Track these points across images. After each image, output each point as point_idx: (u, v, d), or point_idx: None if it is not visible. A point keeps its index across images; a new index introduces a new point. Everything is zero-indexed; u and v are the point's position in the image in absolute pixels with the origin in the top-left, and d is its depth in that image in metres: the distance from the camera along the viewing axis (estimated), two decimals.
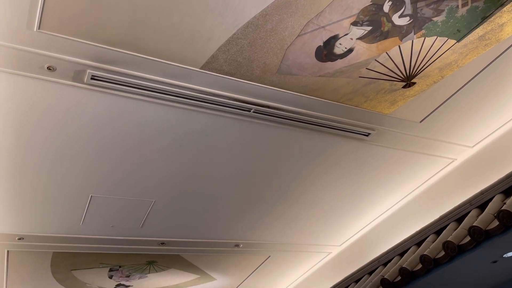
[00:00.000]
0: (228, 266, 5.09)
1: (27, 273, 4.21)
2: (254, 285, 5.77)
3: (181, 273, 5.00)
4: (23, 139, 2.75)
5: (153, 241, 4.18)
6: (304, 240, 4.83)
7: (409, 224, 4.14)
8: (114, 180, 3.28)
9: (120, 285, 4.95)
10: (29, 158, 2.90)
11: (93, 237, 3.87)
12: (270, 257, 5.04)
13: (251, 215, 4.18)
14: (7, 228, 3.50)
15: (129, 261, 4.46)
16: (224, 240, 4.49)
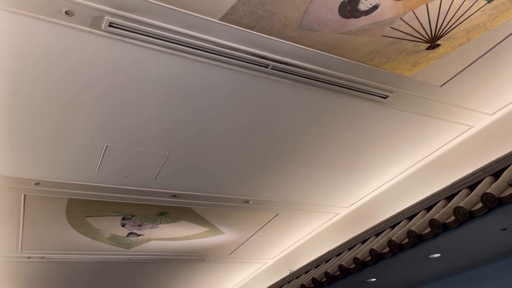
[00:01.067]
0: (237, 221, 5.20)
1: (42, 217, 4.35)
2: (261, 241, 5.92)
3: (191, 225, 5.13)
4: (39, 85, 2.76)
5: (165, 193, 4.26)
6: (313, 200, 4.89)
7: (420, 190, 4.15)
8: (129, 131, 3.30)
9: (132, 233, 5.11)
10: (47, 104, 2.92)
11: (107, 186, 3.96)
12: (278, 215, 5.14)
13: (262, 172, 4.22)
14: (24, 172, 3.59)
15: (141, 211, 4.58)
16: (235, 196, 4.56)
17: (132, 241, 5.33)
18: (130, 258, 5.80)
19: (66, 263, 5.58)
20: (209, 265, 6.63)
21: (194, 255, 6.12)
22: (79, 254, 5.40)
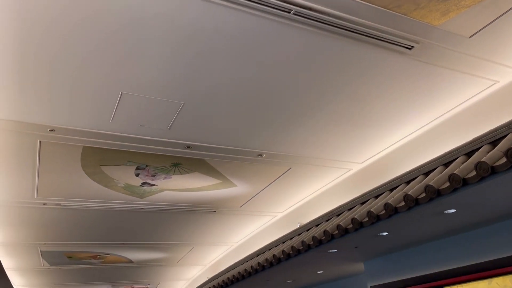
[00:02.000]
0: (249, 174, 5.22)
1: (58, 164, 4.39)
2: (272, 195, 5.97)
3: (204, 177, 5.16)
4: (55, 29, 2.67)
5: (180, 144, 4.25)
6: (326, 155, 4.86)
7: (438, 146, 4.09)
8: (144, 78, 3.23)
9: (146, 183, 5.16)
10: (63, 50, 2.84)
11: (122, 135, 3.94)
12: (291, 169, 5.14)
13: (276, 126, 4.17)
14: (39, 118, 3.57)
15: (155, 161, 4.59)
16: (249, 149, 4.54)
17: (145, 191, 5.40)
18: (143, 207, 5.90)
19: (81, 210, 5.69)
20: (220, 217, 6.75)
21: (206, 206, 6.21)
22: (94, 202, 5.50)
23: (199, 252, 8.97)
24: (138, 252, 8.33)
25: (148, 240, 7.58)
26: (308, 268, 5.71)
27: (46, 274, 9.10)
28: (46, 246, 7.11)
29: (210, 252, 9.15)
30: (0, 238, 6.36)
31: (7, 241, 6.57)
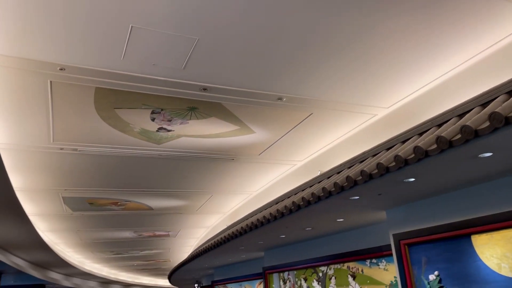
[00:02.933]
0: (268, 120, 5.01)
1: (71, 107, 4.26)
2: (292, 142, 5.78)
3: (222, 122, 4.98)
4: None
5: (195, 86, 4.04)
6: (350, 99, 4.59)
7: (473, 87, 3.77)
8: (156, 10, 2.97)
9: (162, 128, 5.02)
10: None
11: (134, 74, 3.74)
12: (312, 114, 4.90)
13: (297, 67, 3.90)
14: (47, 56, 3.39)
15: (170, 105, 4.42)
16: (268, 91, 4.30)
17: (162, 137, 5.27)
18: (160, 154, 5.81)
19: (98, 156, 5.65)
20: (238, 165, 6.64)
21: (224, 154, 6.09)
22: (111, 148, 5.43)
23: (218, 201, 9.00)
24: (158, 199, 8.40)
25: (167, 187, 7.59)
26: (328, 216, 5.62)
27: (69, 219, 9.34)
28: (67, 192, 7.20)
29: (229, 201, 9.18)
30: (21, 184, 6.43)
31: (29, 186, 6.66)
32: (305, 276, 8.92)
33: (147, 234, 12.37)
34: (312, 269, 8.68)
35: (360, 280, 7.15)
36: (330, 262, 7.91)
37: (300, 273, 9.15)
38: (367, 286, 6.97)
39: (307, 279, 8.87)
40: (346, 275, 7.54)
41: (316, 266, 8.49)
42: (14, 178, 6.05)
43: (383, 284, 6.64)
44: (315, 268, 8.55)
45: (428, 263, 4.52)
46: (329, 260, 7.90)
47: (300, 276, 9.13)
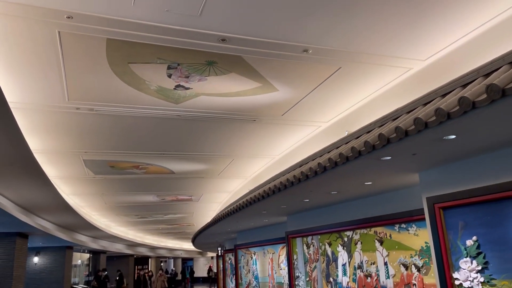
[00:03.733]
0: (293, 76, 4.66)
1: (83, 61, 4.02)
2: (318, 101, 5.43)
3: (242, 79, 4.66)
4: None
5: (213, 36, 3.70)
6: (383, 51, 4.18)
7: None
8: None
9: (180, 86, 4.75)
10: None
11: (147, 23, 3.43)
12: (340, 68, 4.51)
13: (325, 15, 3.51)
14: (53, 2, 3.11)
15: (187, 58, 4.11)
16: (292, 42, 3.93)
17: (180, 95, 5.01)
18: (179, 114, 5.57)
19: (115, 116, 5.45)
20: (260, 126, 6.36)
21: (245, 114, 5.80)
22: (128, 108, 5.22)
23: (240, 165, 8.81)
24: (179, 163, 8.27)
25: (188, 150, 7.42)
26: (355, 179, 5.32)
27: (92, 183, 9.37)
28: (87, 155, 7.11)
29: (251, 165, 8.97)
30: (41, 146, 6.35)
31: (48, 149, 6.58)
32: (330, 241, 8.75)
33: (170, 198, 12.40)
34: (337, 234, 8.49)
35: (388, 246, 6.90)
36: (356, 227, 7.68)
37: (324, 238, 8.99)
38: (395, 251, 6.72)
39: (331, 244, 8.70)
40: (372, 240, 7.30)
41: (341, 231, 8.29)
42: (32, 140, 5.95)
43: (412, 249, 6.38)
44: (340, 233, 8.35)
45: (466, 227, 4.20)
46: (355, 224, 7.66)
47: (324, 240, 8.96)
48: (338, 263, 8.47)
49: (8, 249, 11.02)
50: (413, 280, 6.35)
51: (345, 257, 8.24)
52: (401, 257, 6.61)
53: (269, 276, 13.46)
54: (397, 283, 6.70)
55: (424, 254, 6.09)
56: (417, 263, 6.26)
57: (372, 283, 7.32)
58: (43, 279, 16.16)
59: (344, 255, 8.24)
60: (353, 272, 7.92)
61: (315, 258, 9.40)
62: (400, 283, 6.65)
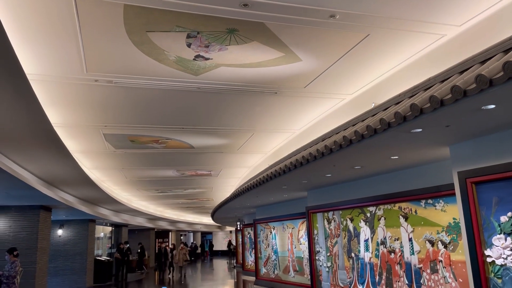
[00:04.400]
0: (317, 44, 4.43)
1: (100, 30, 3.88)
2: (344, 71, 5.19)
3: (264, 48, 4.46)
4: None
5: (234, 0, 3.49)
6: (414, 15, 3.90)
7: None
8: None
9: (199, 56, 4.58)
10: None
11: None
12: (369, 35, 4.26)
13: None
14: None
15: (207, 27, 3.92)
16: (318, 7, 3.69)
17: (200, 66, 4.84)
18: (199, 87, 5.42)
19: (134, 89, 5.34)
20: (281, 99, 6.17)
21: (266, 86, 5.61)
22: (146, 80, 5.09)
23: (260, 139, 8.67)
24: (198, 137, 8.18)
25: (207, 125, 7.30)
26: (382, 153, 5.12)
27: (113, 157, 9.40)
28: (107, 128, 7.07)
29: (271, 140, 8.82)
30: (61, 120, 6.32)
31: (68, 122, 6.55)
32: (352, 217, 8.62)
33: (190, 173, 12.41)
34: (359, 209, 8.35)
35: (413, 222, 6.74)
36: (380, 202, 7.52)
37: (346, 213, 8.87)
38: (421, 227, 6.56)
39: (353, 219, 8.58)
40: (397, 216, 7.14)
41: (363, 207, 8.14)
42: (52, 113, 5.92)
43: (439, 225, 6.20)
44: (363, 209, 8.20)
45: (500, 203, 3.99)
46: (379, 200, 7.49)
47: (346, 216, 8.84)
48: (360, 238, 8.36)
49: (32, 221, 11.28)
50: (439, 257, 6.20)
51: (367, 233, 8.12)
52: (426, 233, 6.44)
53: (289, 250, 13.50)
54: (422, 259, 6.56)
55: (451, 231, 5.91)
56: (444, 239, 6.09)
57: (396, 259, 7.20)
58: (68, 251, 16.63)
59: (367, 230, 8.12)
60: (376, 247, 7.80)
61: (336, 233, 9.31)
62: (425, 260, 6.51)
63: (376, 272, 7.81)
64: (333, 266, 9.34)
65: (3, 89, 4.02)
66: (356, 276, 8.44)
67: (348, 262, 8.74)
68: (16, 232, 11.10)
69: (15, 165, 7.24)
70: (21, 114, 4.87)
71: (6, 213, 11.10)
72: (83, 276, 16.60)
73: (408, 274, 6.90)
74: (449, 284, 6.04)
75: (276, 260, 14.26)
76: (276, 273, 14.15)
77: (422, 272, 6.59)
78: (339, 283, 9.06)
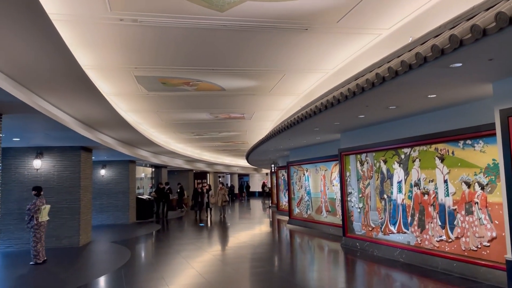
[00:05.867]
0: None
1: None
2: (381, 2, 4.81)
3: None
4: None
5: None
6: None
7: None
8: None
9: None
10: None
11: None
12: None
13: None
14: None
15: None
16: None
17: (225, 1, 4.63)
18: (224, 23, 5.23)
19: (160, 28, 5.23)
20: (312, 36, 5.87)
21: (296, 22, 5.33)
22: (171, 18, 4.94)
23: (291, 80, 8.44)
24: (228, 79, 8.06)
25: (237, 66, 7.14)
26: (418, 91, 4.86)
27: (146, 100, 9.52)
28: (138, 70, 7.08)
29: (303, 81, 8.58)
30: (91, 61, 6.37)
31: (100, 64, 6.60)
32: (385, 158, 8.46)
33: (223, 116, 12.46)
34: (393, 151, 8.16)
35: (450, 163, 6.52)
36: (415, 143, 7.29)
37: (379, 155, 8.71)
38: (457, 168, 6.35)
39: (387, 161, 8.42)
40: (432, 157, 6.93)
41: (398, 148, 7.94)
42: (81, 54, 5.95)
43: (477, 167, 5.97)
44: (397, 150, 8.01)
45: None
46: (414, 141, 7.27)
47: (379, 158, 8.69)
48: (393, 180, 8.25)
49: (74, 161, 11.86)
50: (475, 199, 6.03)
51: (401, 175, 7.98)
52: (463, 174, 6.23)
53: (321, 192, 13.64)
54: (457, 201, 6.42)
55: (490, 172, 5.68)
56: (481, 181, 5.88)
57: (429, 200, 7.08)
58: (111, 190, 17.63)
59: (400, 172, 7.98)
60: (409, 189, 7.69)
61: (368, 175, 9.23)
62: (460, 201, 6.36)
63: (408, 213, 7.77)
64: (365, 207, 9.36)
65: (27, 30, 4.02)
66: (388, 217, 8.44)
67: (380, 203, 8.72)
68: (60, 171, 11.75)
69: (52, 107, 7.47)
70: (50, 56, 4.91)
71: (49, 154, 11.71)
72: (126, 213, 17.68)
73: (442, 216, 6.81)
74: (484, 226, 5.91)
75: (309, 201, 14.49)
76: (308, 213, 14.45)
77: (456, 213, 6.47)
78: (371, 224, 9.13)
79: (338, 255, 9.33)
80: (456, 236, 6.49)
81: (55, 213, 11.35)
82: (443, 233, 6.78)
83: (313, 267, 8.34)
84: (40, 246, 9.08)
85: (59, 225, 11.51)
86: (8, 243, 11.28)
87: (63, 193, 11.64)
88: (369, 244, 8.97)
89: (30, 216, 8.96)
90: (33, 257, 9.05)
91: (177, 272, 7.98)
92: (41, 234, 9.09)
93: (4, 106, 6.16)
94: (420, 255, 7.29)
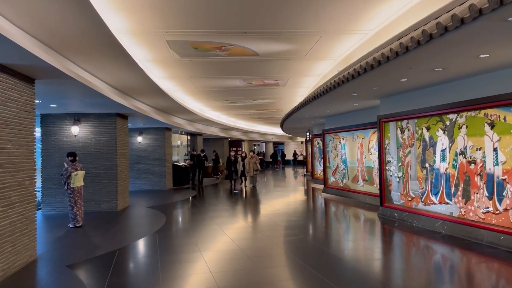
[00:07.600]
0: None
1: None
2: None
3: None
4: None
5: None
6: None
7: None
8: None
9: None
10: None
11: None
12: None
13: None
14: None
15: None
16: None
17: None
18: None
19: None
20: None
21: None
22: None
23: (328, 43, 8.01)
24: (261, 43, 7.75)
25: (270, 28, 6.81)
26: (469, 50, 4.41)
27: (179, 66, 9.39)
28: (169, 35, 6.90)
29: (341, 43, 8.12)
30: (122, 25, 6.24)
31: (131, 28, 6.46)
32: (428, 125, 7.99)
33: (257, 82, 12.19)
34: (437, 117, 7.67)
35: (500, 130, 6.02)
36: (462, 109, 6.79)
37: (422, 122, 8.23)
38: (509, 136, 5.86)
39: (430, 128, 7.95)
40: (481, 124, 6.44)
41: (443, 114, 7.45)
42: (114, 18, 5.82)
43: None
44: (442, 116, 7.51)
45: None
46: (461, 106, 6.76)
47: (422, 125, 8.22)
48: (436, 148, 7.80)
49: (110, 128, 12.07)
50: None
51: (445, 142, 7.52)
52: None
53: (358, 160, 13.27)
54: (507, 171, 5.96)
55: None
56: None
57: (476, 170, 6.64)
58: (148, 156, 18.01)
59: (445, 140, 7.51)
60: (454, 158, 7.25)
61: (409, 143, 8.79)
62: (511, 171, 5.91)
63: (452, 183, 7.36)
64: (405, 176, 8.99)
65: None
66: (430, 187, 8.06)
67: (421, 172, 8.32)
68: (97, 137, 12.01)
69: (86, 73, 7.48)
70: (79, 20, 4.80)
71: (86, 120, 11.95)
72: (162, 179, 18.06)
73: (489, 186, 6.38)
74: None
75: (345, 170, 14.18)
76: (344, 182, 14.17)
77: (506, 184, 6.04)
78: (410, 194, 8.78)
79: (375, 225, 9.09)
80: (505, 208, 6.07)
81: (94, 178, 11.68)
82: (490, 204, 6.38)
83: (349, 236, 8.17)
84: (77, 209, 9.40)
85: (98, 190, 11.87)
86: (50, 206, 11.80)
87: (100, 159, 11.93)
88: (408, 215, 8.66)
89: (64, 181, 9.28)
90: (71, 220, 9.40)
91: (211, 238, 8.04)
92: (76, 198, 9.39)
93: (36, 71, 6.18)
94: (463, 227, 6.94)
